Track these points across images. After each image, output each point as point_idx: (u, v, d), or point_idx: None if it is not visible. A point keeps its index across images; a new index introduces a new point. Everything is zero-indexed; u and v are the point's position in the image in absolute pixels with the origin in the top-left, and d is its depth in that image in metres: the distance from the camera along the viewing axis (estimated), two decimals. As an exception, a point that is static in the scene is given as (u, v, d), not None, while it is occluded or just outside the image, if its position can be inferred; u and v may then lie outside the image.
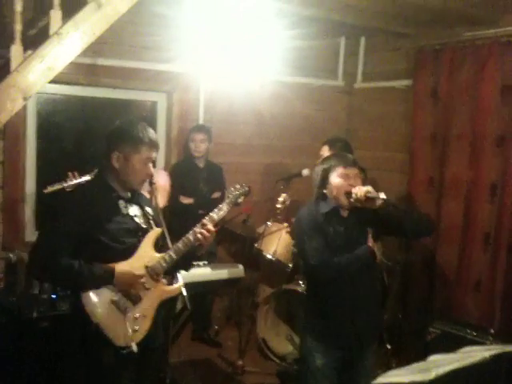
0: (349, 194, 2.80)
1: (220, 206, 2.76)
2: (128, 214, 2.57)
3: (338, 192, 2.85)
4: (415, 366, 1.78)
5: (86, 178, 3.63)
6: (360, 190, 2.75)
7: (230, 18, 4.43)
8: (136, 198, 2.66)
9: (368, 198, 2.74)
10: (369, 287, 2.94)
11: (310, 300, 3.07)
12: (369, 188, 2.77)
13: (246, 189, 2.97)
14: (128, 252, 2.51)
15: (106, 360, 2.45)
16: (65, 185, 3.66)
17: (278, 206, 4.37)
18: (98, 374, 2.50)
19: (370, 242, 2.85)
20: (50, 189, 3.69)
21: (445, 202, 4.73)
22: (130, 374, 2.56)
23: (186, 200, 4.71)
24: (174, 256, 2.58)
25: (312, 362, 2.92)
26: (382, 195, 2.72)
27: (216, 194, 4.85)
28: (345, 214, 2.92)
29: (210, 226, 2.63)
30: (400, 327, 4.40)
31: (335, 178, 2.87)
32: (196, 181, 4.82)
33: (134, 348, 2.41)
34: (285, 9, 4.24)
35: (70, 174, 3.76)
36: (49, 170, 4.67)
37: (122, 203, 2.57)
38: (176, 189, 4.70)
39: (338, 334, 2.89)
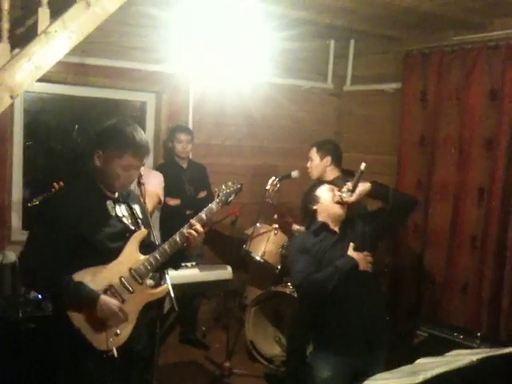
0: (339, 201, 2.94)
1: (210, 205, 2.68)
2: (116, 216, 2.51)
3: (329, 204, 2.97)
4: (403, 369, 1.77)
5: None
6: (346, 186, 2.92)
7: (219, 20, 4.42)
8: (124, 197, 2.59)
9: (355, 187, 2.89)
10: (371, 290, 2.96)
11: (308, 313, 3.06)
12: (350, 182, 2.95)
13: (238, 186, 2.84)
14: (114, 254, 2.46)
15: (87, 364, 2.41)
16: None
17: (268, 187, 4.30)
18: (81, 378, 2.45)
19: (350, 252, 2.90)
20: (35, 201, 3.62)
21: (433, 205, 4.74)
22: (114, 379, 2.50)
23: (173, 201, 4.69)
24: (159, 258, 2.52)
25: (320, 374, 2.86)
26: (362, 166, 2.85)
27: (202, 194, 4.84)
28: (335, 227, 2.99)
29: (199, 227, 2.56)
30: (387, 330, 4.39)
31: (324, 193, 3.01)
32: (181, 182, 4.80)
33: (115, 353, 2.36)
34: (274, 11, 4.24)
35: (55, 184, 3.64)
36: (36, 169, 4.64)
37: (109, 204, 2.51)
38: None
39: (347, 341, 2.86)
